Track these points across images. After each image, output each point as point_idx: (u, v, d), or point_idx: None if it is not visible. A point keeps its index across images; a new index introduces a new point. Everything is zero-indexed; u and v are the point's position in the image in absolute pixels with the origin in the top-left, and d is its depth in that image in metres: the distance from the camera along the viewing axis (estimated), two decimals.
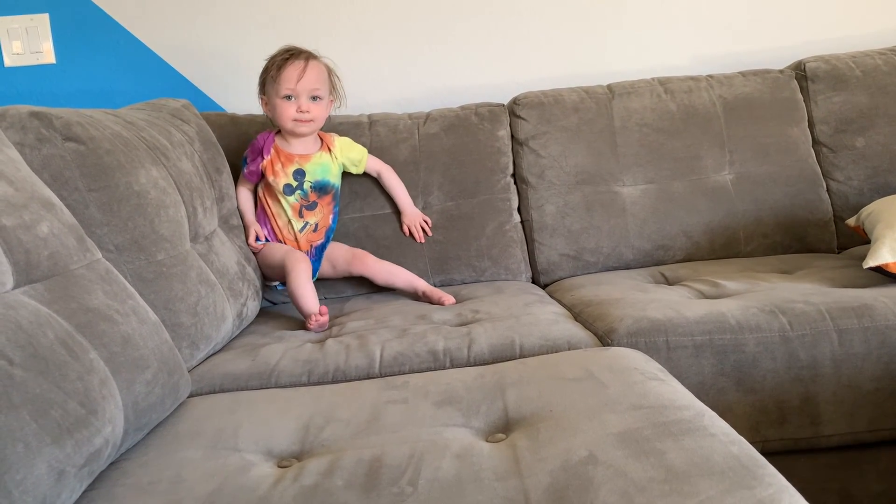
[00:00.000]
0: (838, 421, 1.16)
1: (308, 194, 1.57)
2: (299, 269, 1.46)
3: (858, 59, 1.82)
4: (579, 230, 1.71)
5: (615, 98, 1.79)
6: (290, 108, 1.51)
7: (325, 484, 0.71)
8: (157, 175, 1.21)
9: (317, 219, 1.59)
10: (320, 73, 1.54)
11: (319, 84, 1.53)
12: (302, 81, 1.50)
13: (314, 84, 1.52)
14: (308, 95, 1.52)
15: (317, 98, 1.53)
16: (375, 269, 1.59)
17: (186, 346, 1.15)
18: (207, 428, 0.88)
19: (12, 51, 1.89)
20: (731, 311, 1.20)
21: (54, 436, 0.64)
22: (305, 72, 1.50)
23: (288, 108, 1.51)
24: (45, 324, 0.73)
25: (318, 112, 1.54)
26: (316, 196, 1.58)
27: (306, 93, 1.51)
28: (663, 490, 0.63)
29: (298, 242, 1.58)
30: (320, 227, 1.60)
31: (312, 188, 1.57)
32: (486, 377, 0.97)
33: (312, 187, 1.57)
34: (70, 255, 0.85)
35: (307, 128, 1.54)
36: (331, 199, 1.61)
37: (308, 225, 1.58)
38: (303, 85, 1.50)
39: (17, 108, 1.09)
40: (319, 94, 1.53)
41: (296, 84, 1.50)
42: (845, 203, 1.75)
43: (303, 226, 1.58)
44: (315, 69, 1.53)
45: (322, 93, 1.54)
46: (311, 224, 1.59)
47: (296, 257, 1.50)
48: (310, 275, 1.48)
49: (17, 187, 0.83)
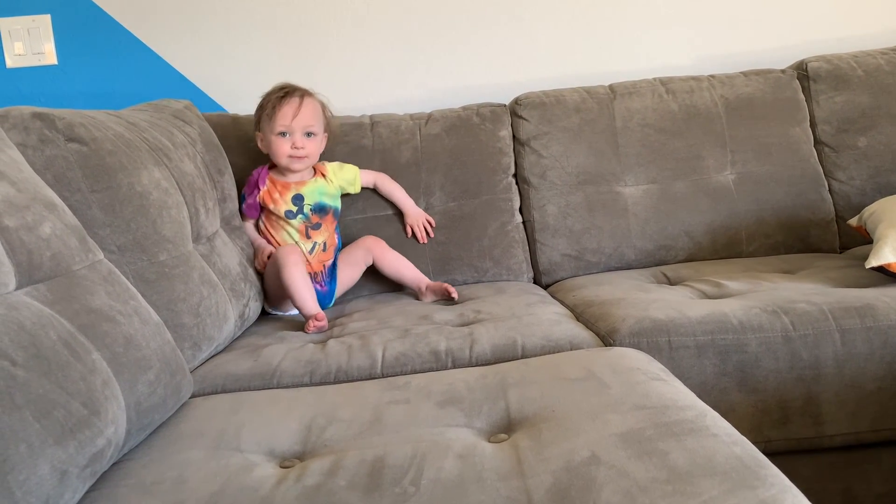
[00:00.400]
0: (841, 421, 1.16)
1: (310, 217, 1.58)
2: (291, 261, 1.43)
3: (860, 59, 1.82)
4: (581, 230, 1.71)
5: (617, 98, 1.78)
6: (285, 145, 1.54)
7: (328, 484, 0.71)
8: (160, 176, 1.21)
9: (324, 237, 1.59)
10: (315, 109, 1.57)
11: (314, 121, 1.56)
12: (297, 119, 1.53)
13: (309, 121, 1.55)
14: (302, 132, 1.55)
15: (311, 134, 1.56)
16: (388, 257, 1.60)
17: (188, 346, 1.15)
18: (210, 428, 0.88)
19: (14, 52, 1.90)
20: (734, 312, 1.20)
21: (57, 436, 0.64)
22: (301, 109, 1.54)
23: (283, 144, 1.54)
24: (48, 324, 0.73)
25: (313, 148, 1.57)
26: (318, 217, 1.59)
27: (301, 129, 1.54)
28: (666, 490, 0.63)
29: (311, 265, 1.57)
30: (329, 246, 1.60)
31: (312, 210, 1.58)
32: (489, 377, 0.96)
33: (312, 209, 1.58)
34: (72, 255, 0.85)
35: (301, 164, 1.57)
36: (332, 218, 1.62)
37: (317, 245, 1.58)
38: (298, 122, 1.53)
39: (20, 109, 1.10)
40: (314, 130, 1.56)
41: (291, 121, 1.53)
42: (847, 203, 1.75)
43: (312, 246, 1.58)
44: (310, 106, 1.56)
45: (316, 129, 1.57)
46: (319, 244, 1.59)
47: (286, 251, 1.47)
48: (304, 269, 1.45)
49: (20, 188, 0.83)
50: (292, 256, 1.45)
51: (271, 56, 1.74)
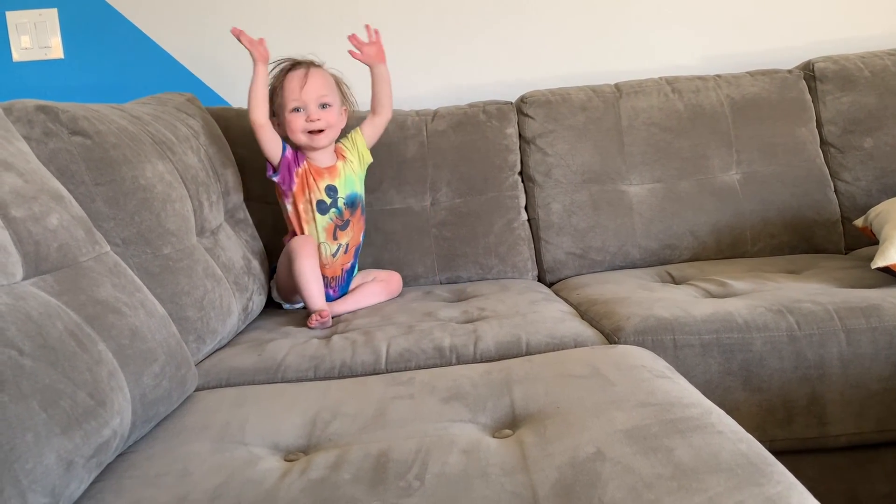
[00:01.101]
0: (846, 421, 1.16)
1: (343, 212, 1.50)
2: (305, 253, 1.40)
3: (867, 60, 1.82)
4: (586, 229, 1.71)
5: (623, 97, 1.78)
6: (300, 120, 1.45)
7: (332, 478, 0.70)
8: (164, 169, 1.21)
9: (348, 238, 1.52)
10: (326, 79, 1.48)
11: (326, 90, 1.46)
12: (306, 89, 1.44)
13: (320, 91, 1.45)
14: (316, 104, 1.45)
15: (326, 105, 1.46)
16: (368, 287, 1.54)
17: (193, 339, 1.15)
18: (214, 421, 0.88)
19: (21, 45, 1.90)
20: (739, 311, 1.19)
21: (63, 426, 0.64)
22: (307, 79, 1.44)
23: (297, 119, 1.45)
24: (55, 315, 0.73)
25: (331, 118, 1.47)
26: (349, 213, 1.51)
27: (314, 101, 1.44)
28: (671, 486, 0.63)
29: (331, 268, 1.51)
30: (351, 247, 1.54)
31: (346, 204, 1.51)
32: (493, 374, 0.96)
33: (346, 203, 1.51)
34: (79, 247, 0.85)
35: (323, 138, 1.47)
36: (360, 214, 1.56)
37: (341, 247, 1.51)
38: (308, 93, 1.44)
39: (24, 102, 1.10)
40: (328, 100, 1.46)
41: (300, 93, 1.44)
42: (853, 204, 1.74)
43: (336, 249, 1.50)
44: (318, 76, 1.47)
45: (331, 99, 1.47)
46: (342, 245, 1.51)
47: (301, 241, 1.43)
48: (316, 262, 1.42)
49: (27, 179, 0.83)
50: (306, 248, 1.42)
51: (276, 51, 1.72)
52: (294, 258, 1.40)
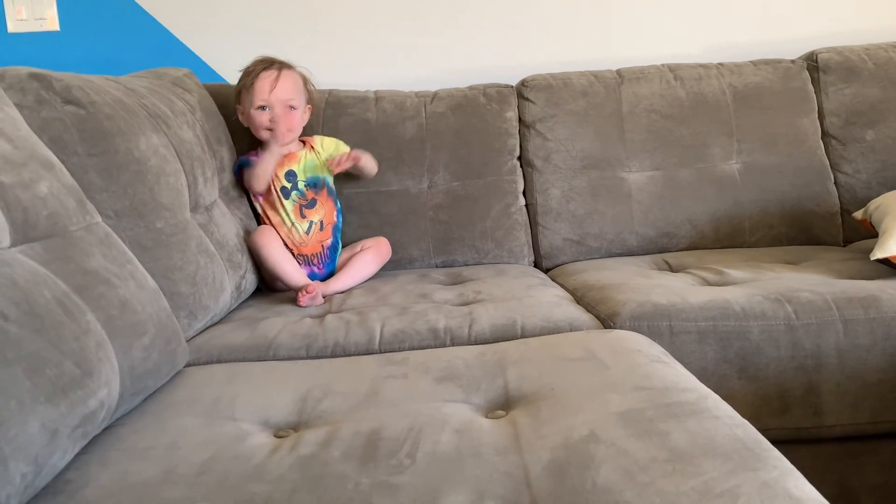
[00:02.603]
0: (841, 412, 1.16)
1: (305, 192, 1.54)
2: (264, 241, 1.42)
3: (871, 52, 1.80)
4: (584, 215, 1.69)
5: (624, 83, 1.76)
6: (264, 117, 1.51)
7: (322, 454, 0.70)
8: (158, 142, 1.19)
9: (320, 216, 1.55)
10: (294, 82, 1.55)
11: (293, 94, 1.53)
12: (275, 91, 1.50)
13: (288, 94, 1.52)
14: (283, 105, 1.51)
15: (291, 108, 1.53)
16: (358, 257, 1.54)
17: (184, 315, 1.14)
18: (204, 397, 0.87)
19: (16, 16, 1.87)
20: (736, 299, 1.19)
21: (48, 394, 0.63)
22: (278, 81, 1.51)
23: (262, 116, 1.51)
24: (42, 283, 0.71)
25: (293, 122, 1.54)
26: (313, 193, 1.55)
27: (280, 103, 1.51)
28: (666, 470, 0.62)
29: (309, 246, 1.53)
30: (326, 225, 1.56)
31: (307, 185, 1.55)
32: (487, 355, 0.95)
33: (307, 184, 1.55)
34: (69, 216, 0.83)
35: (285, 138, 1.52)
36: (327, 194, 1.58)
37: (313, 224, 1.54)
38: (276, 95, 1.50)
39: (17, 69, 1.08)
40: (294, 103, 1.53)
41: (269, 94, 1.50)
42: (853, 196, 1.73)
43: (308, 226, 1.53)
44: (289, 78, 1.53)
45: (296, 102, 1.54)
46: (315, 223, 1.54)
47: (257, 232, 1.45)
48: (280, 244, 1.45)
49: (17, 145, 0.81)
50: (265, 236, 1.44)
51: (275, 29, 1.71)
52: (258, 249, 1.43)
